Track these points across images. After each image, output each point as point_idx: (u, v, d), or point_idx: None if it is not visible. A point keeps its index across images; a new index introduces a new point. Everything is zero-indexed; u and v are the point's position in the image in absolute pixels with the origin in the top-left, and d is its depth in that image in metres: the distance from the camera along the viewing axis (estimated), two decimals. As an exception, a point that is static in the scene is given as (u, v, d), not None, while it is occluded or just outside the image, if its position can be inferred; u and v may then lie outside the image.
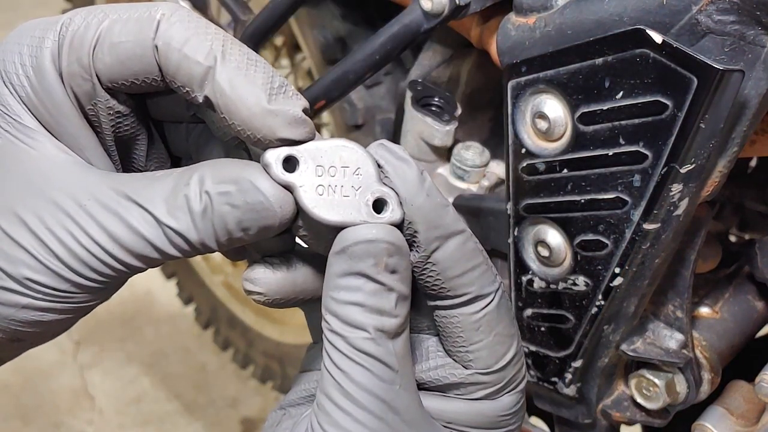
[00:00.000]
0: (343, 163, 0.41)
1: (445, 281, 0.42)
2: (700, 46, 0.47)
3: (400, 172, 0.41)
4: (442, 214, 0.41)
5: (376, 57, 0.68)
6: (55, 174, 0.41)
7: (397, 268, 0.40)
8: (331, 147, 0.41)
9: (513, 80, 0.57)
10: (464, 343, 0.43)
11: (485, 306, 0.42)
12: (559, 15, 0.53)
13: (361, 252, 0.40)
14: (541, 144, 0.57)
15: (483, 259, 0.42)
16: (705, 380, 0.64)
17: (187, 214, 0.40)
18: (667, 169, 0.49)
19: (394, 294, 0.40)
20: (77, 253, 0.40)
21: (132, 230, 0.40)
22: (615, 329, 0.59)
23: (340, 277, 0.40)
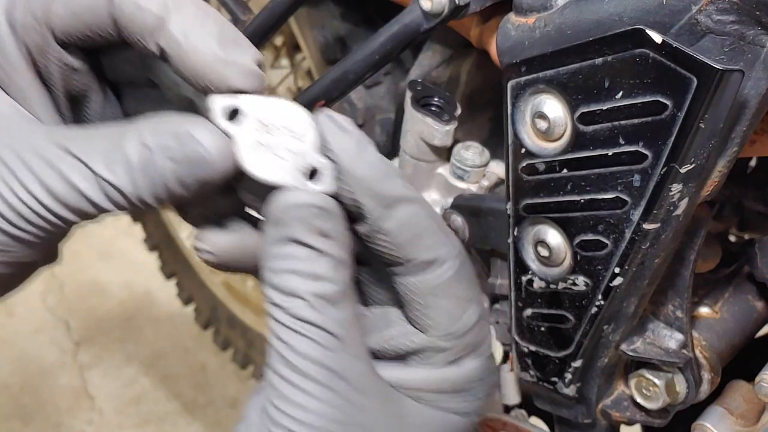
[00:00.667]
0: (286, 125, 0.41)
1: (396, 249, 0.42)
2: (700, 46, 0.47)
3: (340, 143, 0.40)
4: (386, 184, 0.40)
5: (376, 57, 0.68)
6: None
7: (330, 233, 0.40)
8: (278, 106, 0.41)
9: (513, 80, 0.57)
10: (421, 308, 0.43)
11: (441, 272, 0.42)
12: (559, 15, 0.53)
13: (291, 217, 0.40)
14: (540, 144, 0.57)
15: (436, 225, 0.42)
16: (705, 380, 0.64)
17: (125, 167, 0.39)
18: (667, 169, 0.49)
19: (328, 258, 0.40)
20: (13, 205, 0.40)
21: (68, 183, 0.39)
22: (615, 329, 0.59)
23: (273, 245, 0.40)
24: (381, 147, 1.11)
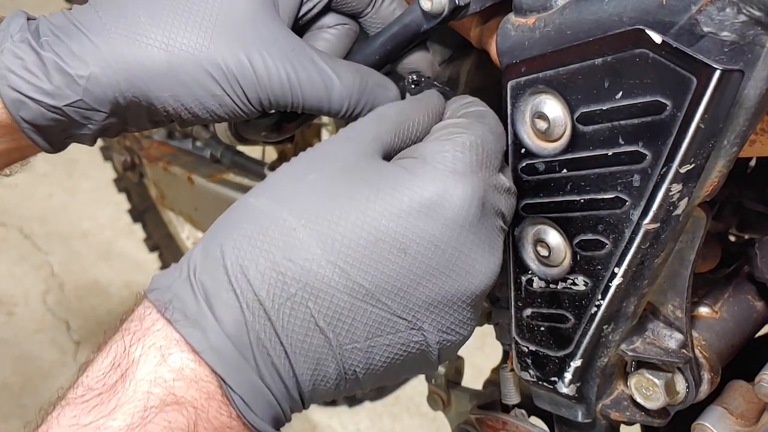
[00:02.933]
0: None
1: None
2: (700, 46, 0.47)
3: None
4: None
5: (376, 57, 0.68)
6: None
7: None
8: None
9: (512, 80, 0.57)
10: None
11: None
12: (559, 15, 0.53)
13: None
14: (540, 144, 0.57)
15: None
16: (704, 380, 0.64)
17: (352, 80, 0.62)
18: (667, 169, 0.49)
19: None
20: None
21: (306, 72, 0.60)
22: (614, 329, 0.59)
23: None
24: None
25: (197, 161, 1.48)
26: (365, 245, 0.48)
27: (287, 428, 0.53)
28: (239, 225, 0.50)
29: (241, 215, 0.51)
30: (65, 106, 0.57)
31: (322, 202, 0.49)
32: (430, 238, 0.49)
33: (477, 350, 1.83)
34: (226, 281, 0.48)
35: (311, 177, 0.51)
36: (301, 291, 0.48)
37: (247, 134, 0.78)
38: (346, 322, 0.49)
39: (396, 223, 0.49)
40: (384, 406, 1.90)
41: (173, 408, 0.47)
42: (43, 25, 0.58)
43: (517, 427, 0.77)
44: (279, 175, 0.53)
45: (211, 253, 0.49)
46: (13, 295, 2.21)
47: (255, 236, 0.49)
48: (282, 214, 0.49)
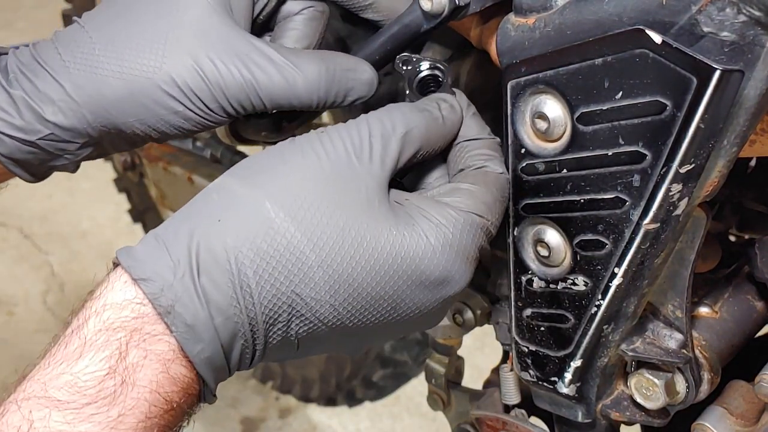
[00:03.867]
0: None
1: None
2: (700, 46, 0.47)
3: None
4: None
5: (376, 57, 0.68)
6: None
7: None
8: None
9: (512, 80, 0.57)
10: (458, 179, 0.58)
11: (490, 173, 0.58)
12: (559, 15, 0.53)
13: None
14: (540, 144, 0.57)
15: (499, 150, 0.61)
16: (704, 380, 0.64)
17: (317, 73, 0.61)
18: (667, 169, 0.49)
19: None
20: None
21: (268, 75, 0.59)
22: (614, 329, 0.59)
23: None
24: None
25: (197, 161, 1.48)
26: (364, 301, 0.52)
27: (287, 428, 0.54)
28: (249, 229, 0.50)
29: (249, 213, 0.51)
30: (38, 140, 0.60)
31: (337, 240, 0.51)
32: (422, 305, 0.55)
33: (477, 350, 1.83)
34: (232, 296, 0.49)
35: (326, 205, 0.51)
36: (301, 326, 0.52)
37: (247, 134, 0.78)
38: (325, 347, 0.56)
39: (401, 289, 0.53)
40: (384, 406, 1.90)
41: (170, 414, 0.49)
42: (11, 62, 0.60)
43: (517, 427, 0.77)
44: (285, 173, 0.52)
45: (217, 255, 0.49)
46: (13, 295, 2.21)
47: (267, 253, 0.50)
48: (297, 237, 0.50)
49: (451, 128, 0.59)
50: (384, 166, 0.54)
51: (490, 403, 0.84)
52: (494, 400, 0.83)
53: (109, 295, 0.50)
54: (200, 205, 0.52)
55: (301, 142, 0.54)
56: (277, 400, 1.92)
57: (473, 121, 0.60)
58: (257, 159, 0.55)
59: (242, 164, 0.55)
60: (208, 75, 0.58)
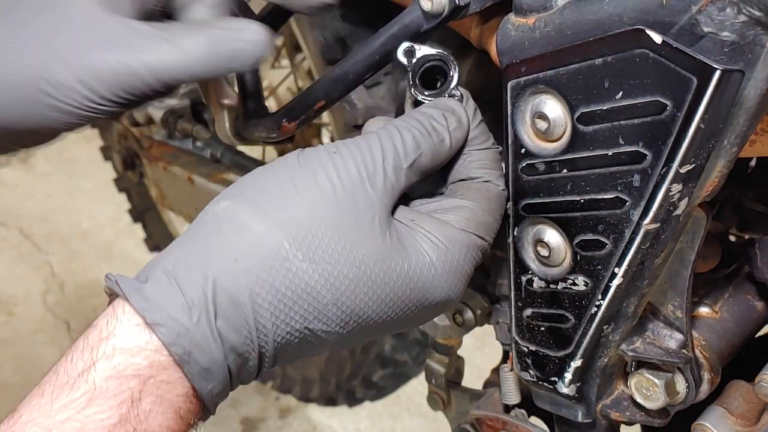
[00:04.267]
0: None
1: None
2: (700, 46, 0.47)
3: None
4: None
5: (376, 57, 0.68)
6: None
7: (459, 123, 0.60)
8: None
9: (512, 80, 0.57)
10: (459, 192, 0.58)
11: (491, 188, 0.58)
12: (559, 15, 0.53)
13: None
14: (540, 144, 0.57)
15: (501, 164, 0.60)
16: (705, 380, 0.64)
17: (204, 47, 0.58)
18: (667, 169, 0.49)
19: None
20: None
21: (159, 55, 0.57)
22: (615, 329, 0.59)
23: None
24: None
25: (197, 161, 1.48)
26: (372, 328, 0.54)
27: (287, 428, 0.54)
28: (268, 272, 0.49)
29: (268, 255, 0.50)
30: None
31: (353, 279, 0.51)
32: (420, 321, 0.57)
33: (477, 350, 1.83)
34: (247, 336, 0.49)
35: (342, 243, 0.51)
36: (306, 350, 0.53)
37: (247, 134, 0.78)
38: None
39: (406, 314, 0.55)
40: (384, 406, 1.90)
41: None
42: None
43: (517, 427, 0.77)
44: (301, 206, 0.51)
45: (235, 298, 0.49)
46: (13, 295, 2.21)
47: (285, 295, 0.50)
48: (314, 278, 0.50)
49: (456, 146, 0.58)
50: (393, 194, 0.54)
51: (490, 403, 0.84)
52: (494, 400, 0.83)
53: (120, 337, 0.47)
54: (212, 238, 0.51)
55: (313, 165, 0.53)
56: (277, 400, 1.92)
57: (479, 129, 0.60)
58: (267, 181, 0.53)
59: (251, 185, 0.53)
60: (78, 68, 0.56)
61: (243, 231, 0.50)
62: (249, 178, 0.54)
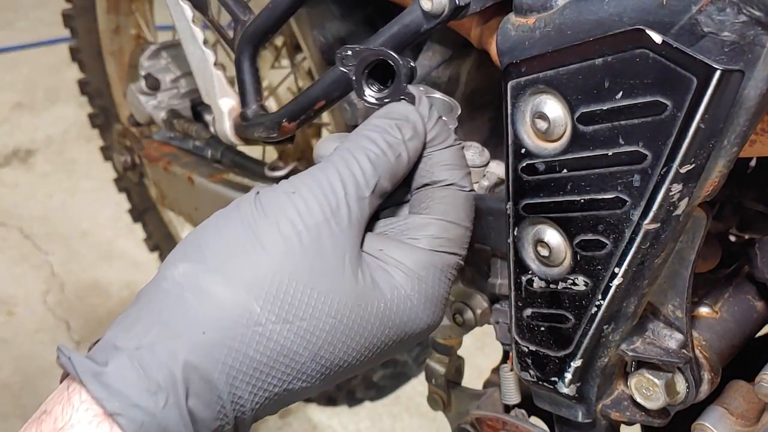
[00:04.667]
0: None
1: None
2: (700, 46, 0.47)
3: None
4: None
5: (376, 57, 0.68)
6: None
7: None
8: None
9: (512, 80, 0.57)
10: (427, 203, 0.55)
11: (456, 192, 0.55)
12: (559, 15, 0.53)
13: None
14: (540, 144, 0.57)
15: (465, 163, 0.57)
16: (705, 380, 0.64)
17: None
18: (667, 169, 0.49)
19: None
20: None
21: None
22: (615, 329, 0.59)
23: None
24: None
25: (197, 161, 1.48)
26: (351, 371, 0.52)
27: (287, 428, 0.54)
28: (240, 341, 0.46)
29: (238, 323, 0.46)
30: None
31: (329, 331, 0.49)
32: (401, 350, 0.57)
33: (477, 350, 1.83)
34: (220, 410, 0.46)
35: (315, 295, 0.48)
36: (285, 404, 0.51)
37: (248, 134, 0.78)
38: None
39: (386, 351, 0.53)
40: (384, 406, 1.89)
41: None
42: None
43: (517, 427, 0.77)
44: (266, 261, 0.47)
45: (207, 376, 0.45)
46: (13, 295, 2.21)
47: (261, 362, 0.47)
48: (290, 338, 0.47)
49: (415, 156, 0.55)
50: (360, 227, 0.51)
51: (490, 403, 0.84)
52: (494, 400, 0.83)
53: (77, 429, 0.43)
54: (175, 309, 0.46)
55: (273, 212, 0.49)
56: (277, 400, 1.92)
57: (437, 128, 0.56)
58: (226, 237, 0.49)
59: (209, 242, 0.49)
60: None
61: (207, 299, 0.46)
62: (206, 234, 0.50)
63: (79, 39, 1.81)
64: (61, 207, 2.54)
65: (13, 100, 3.11)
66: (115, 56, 1.77)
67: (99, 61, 1.79)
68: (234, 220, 0.49)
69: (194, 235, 0.50)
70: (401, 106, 0.56)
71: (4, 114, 3.03)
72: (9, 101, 3.10)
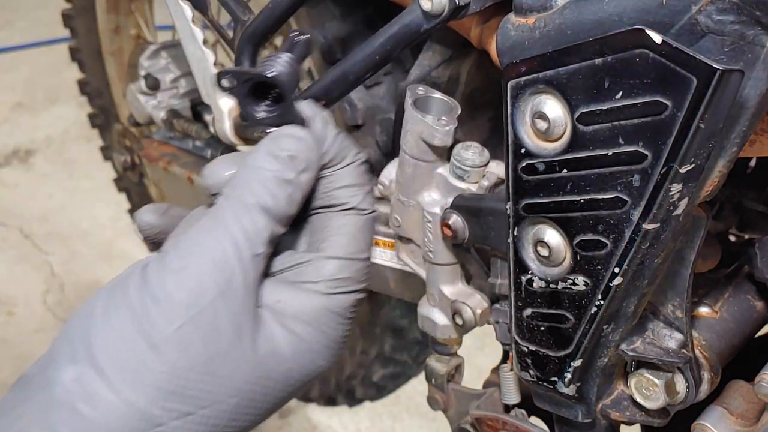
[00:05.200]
0: None
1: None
2: (700, 46, 0.47)
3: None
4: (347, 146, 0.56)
5: (376, 57, 0.68)
6: None
7: None
8: None
9: (512, 80, 0.57)
10: (329, 235, 0.53)
11: (357, 217, 0.53)
12: (559, 15, 0.53)
13: None
14: (540, 144, 0.57)
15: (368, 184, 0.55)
16: (704, 380, 0.64)
17: None
18: (667, 169, 0.49)
19: None
20: None
21: None
22: (614, 329, 0.59)
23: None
24: (381, 147, 1.11)
25: (197, 161, 1.48)
26: (252, 428, 0.50)
27: (287, 428, 0.54)
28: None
29: (137, 427, 0.44)
30: None
31: (232, 412, 0.47)
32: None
33: (477, 350, 1.83)
34: None
35: (214, 381, 0.46)
36: None
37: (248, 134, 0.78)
38: None
39: (287, 401, 0.52)
40: (384, 406, 1.89)
41: None
42: None
43: (517, 427, 0.77)
44: (157, 356, 0.45)
45: None
46: (13, 295, 2.21)
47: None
48: (188, 426, 0.46)
49: (309, 187, 0.52)
50: (256, 286, 0.49)
51: (489, 402, 0.84)
52: (494, 400, 0.83)
53: None
54: (70, 421, 0.44)
55: (164, 298, 0.46)
56: (277, 400, 1.92)
57: (335, 147, 0.53)
58: (113, 334, 0.46)
59: (96, 342, 0.45)
60: None
61: (103, 407, 0.44)
62: (94, 327, 0.46)
63: (78, 39, 1.81)
64: (61, 207, 2.54)
65: (13, 100, 3.11)
66: (115, 56, 1.77)
67: (99, 61, 1.79)
68: (122, 310, 0.46)
69: (80, 327, 0.47)
70: (291, 134, 0.52)
71: (4, 114, 3.03)
72: (9, 101, 3.10)
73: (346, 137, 0.55)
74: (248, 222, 0.48)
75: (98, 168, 2.27)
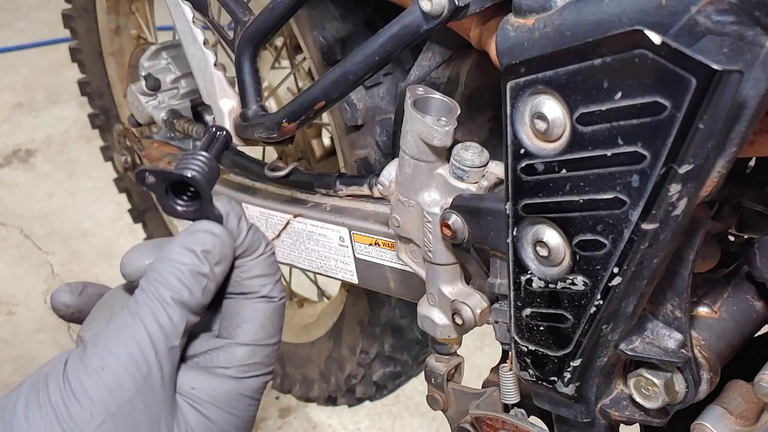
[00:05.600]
0: None
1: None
2: (699, 46, 0.47)
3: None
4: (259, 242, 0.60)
5: (376, 58, 0.68)
6: None
7: None
8: None
9: (512, 81, 0.57)
10: (236, 321, 0.57)
11: (269, 304, 0.57)
12: (558, 16, 0.53)
13: None
14: (539, 144, 0.57)
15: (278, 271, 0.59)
16: (704, 380, 0.64)
17: None
18: (666, 170, 0.49)
19: None
20: None
21: None
22: (614, 329, 0.59)
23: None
24: (381, 147, 1.11)
25: (197, 161, 1.48)
26: None
27: (287, 427, 0.55)
28: None
29: None
30: None
31: None
32: None
33: (477, 350, 1.84)
34: None
35: None
36: None
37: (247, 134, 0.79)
38: None
39: None
40: (384, 405, 1.90)
41: None
42: None
43: (517, 426, 0.77)
44: None
45: None
46: (14, 295, 2.21)
47: None
48: None
49: (222, 278, 0.56)
50: (173, 377, 0.52)
51: (489, 402, 0.84)
52: (494, 399, 0.83)
53: None
54: None
55: (85, 398, 0.48)
56: (277, 400, 1.92)
57: (248, 240, 0.57)
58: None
59: None
60: None
61: None
62: (16, 422, 0.49)
63: (79, 39, 1.81)
64: (61, 207, 2.54)
65: (13, 100, 3.11)
66: (116, 56, 1.77)
67: (99, 62, 1.80)
68: (44, 407, 0.49)
69: (2, 423, 0.49)
70: (206, 229, 0.55)
71: (4, 114, 3.03)
72: (9, 101, 3.10)
73: (258, 230, 0.59)
74: (164, 317, 0.52)
75: (99, 168, 2.27)
